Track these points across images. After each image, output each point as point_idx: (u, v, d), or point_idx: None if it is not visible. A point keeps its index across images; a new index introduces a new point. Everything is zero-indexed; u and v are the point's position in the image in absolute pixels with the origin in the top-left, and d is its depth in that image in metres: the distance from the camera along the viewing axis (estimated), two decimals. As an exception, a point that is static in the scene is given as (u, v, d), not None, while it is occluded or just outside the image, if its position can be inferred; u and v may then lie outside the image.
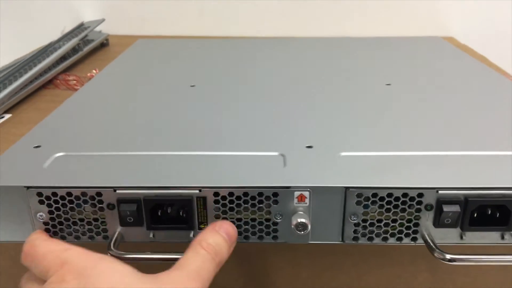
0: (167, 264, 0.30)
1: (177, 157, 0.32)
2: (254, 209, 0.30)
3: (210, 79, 0.50)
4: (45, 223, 0.30)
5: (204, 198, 0.29)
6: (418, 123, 0.38)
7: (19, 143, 0.35)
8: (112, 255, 0.28)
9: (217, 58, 0.59)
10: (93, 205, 0.29)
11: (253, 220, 0.30)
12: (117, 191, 0.29)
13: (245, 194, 0.29)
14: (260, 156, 0.33)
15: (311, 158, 0.32)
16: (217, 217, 0.30)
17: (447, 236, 0.30)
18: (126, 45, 0.77)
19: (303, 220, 0.29)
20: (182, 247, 0.29)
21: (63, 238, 0.30)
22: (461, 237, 0.30)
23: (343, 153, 0.33)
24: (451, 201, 0.28)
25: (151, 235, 0.30)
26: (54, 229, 0.30)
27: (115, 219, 0.30)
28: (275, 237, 0.30)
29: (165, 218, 0.30)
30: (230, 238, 0.28)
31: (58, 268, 0.24)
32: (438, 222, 0.29)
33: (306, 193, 0.29)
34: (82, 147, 0.34)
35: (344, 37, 0.71)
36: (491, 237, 0.29)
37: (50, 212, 0.30)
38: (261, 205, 0.29)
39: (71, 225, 0.30)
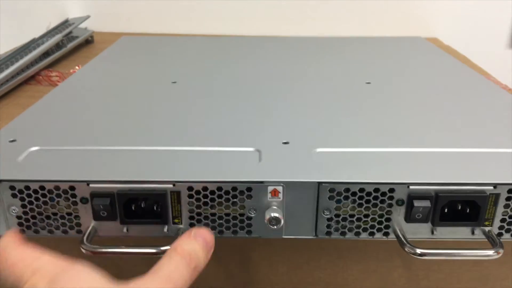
0: (141, 259, 0.30)
1: (152, 152, 0.32)
2: (228, 204, 0.30)
3: (191, 76, 0.50)
4: (18, 217, 0.30)
5: (178, 193, 0.29)
6: (393, 120, 0.38)
7: (-5, 137, 0.35)
8: (85, 250, 0.28)
9: (200, 55, 0.59)
10: (66, 199, 0.29)
11: (227, 215, 0.30)
12: (90, 185, 0.29)
13: (219, 188, 0.29)
14: (235, 151, 0.33)
15: (286, 154, 0.32)
16: (191, 212, 0.30)
17: (419, 231, 0.30)
18: (111, 42, 0.77)
19: (276, 214, 0.29)
20: (156, 242, 0.30)
21: (36, 232, 0.30)
22: (432, 232, 0.30)
23: (319, 149, 0.33)
24: (421, 196, 0.29)
25: (124, 230, 0.30)
26: (27, 223, 0.30)
27: (89, 214, 0.30)
28: (249, 232, 0.30)
29: (139, 213, 0.30)
30: (207, 244, 0.27)
31: (30, 276, 0.24)
32: (409, 217, 0.29)
33: (280, 188, 0.29)
34: (57, 142, 0.34)
35: (328, 37, 0.71)
36: (461, 232, 0.30)
37: (23, 206, 0.29)
38: (235, 199, 0.29)
39: (45, 219, 0.30)
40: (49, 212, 0.30)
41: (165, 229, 0.30)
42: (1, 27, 0.88)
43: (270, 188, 0.29)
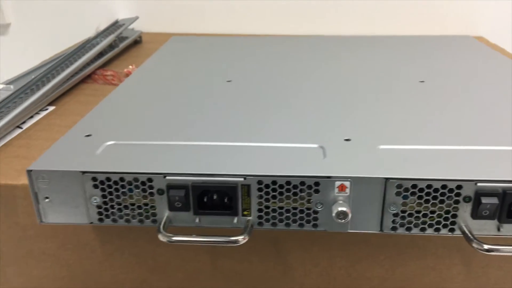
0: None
1: (222, 147, 0.34)
2: (295, 198, 0.31)
3: (245, 74, 0.51)
4: (98, 207, 0.32)
5: (248, 186, 0.31)
6: (454, 118, 0.38)
7: (71, 132, 0.37)
8: (163, 238, 0.30)
9: (251, 55, 0.60)
10: (144, 190, 0.31)
11: (294, 208, 0.31)
12: (167, 178, 0.31)
13: (288, 183, 0.30)
14: (300, 148, 0.34)
15: (350, 151, 0.33)
16: (260, 205, 0.31)
17: (484, 227, 0.30)
18: (158, 42, 0.79)
19: (344, 208, 0.30)
20: (225, 232, 0.31)
21: (114, 221, 0.32)
22: (498, 229, 0.30)
23: (382, 146, 0.34)
24: (489, 193, 0.29)
25: (197, 220, 0.32)
26: (106, 213, 0.32)
27: (164, 204, 0.31)
28: (315, 225, 0.31)
29: (210, 204, 0.31)
30: None
31: None
32: (476, 214, 0.30)
33: (347, 183, 0.30)
34: (130, 137, 0.36)
35: (375, 36, 0.72)
36: (528, 229, 0.30)
37: (103, 196, 0.31)
38: (303, 194, 0.31)
39: (123, 209, 0.32)
40: (127, 203, 0.32)
41: (235, 221, 0.32)
42: (55, 28, 0.92)
43: (337, 183, 0.30)
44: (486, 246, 0.29)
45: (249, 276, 0.40)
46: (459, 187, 0.29)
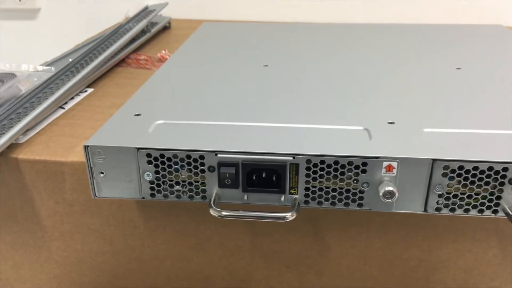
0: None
1: (270, 128, 0.35)
2: (342, 177, 0.32)
3: (282, 60, 0.52)
4: (151, 182, 0.33)
5: (297, 165, 0.32)
6: (494, 103, 0.39)
7: (120, 111, 0.38)
8: (214, 213, 0.31)
9: (284, 41, 0.61)
10: (195, 167, 0.32)
11: (341, 188, 0.32)
12: (218, 155, 0.32)
13: (336, 162, 0.31)
14: (345, 129, 0.35)
15: (394, 133, 0.34)
16: (307, 183, 0.32)
17: (528, 210, 0.31)
18: (187, 28, 0.80)
19: (391, 188, 0.31)
20: (271, 210, 0.32)
21: (165, 196, 0.34)
22: (542, 210, 0.31)
23: (426, 129, 0.34)
24: (535, 176, 0.30)
25: (245, 197, 0.33)
26: (158, 188, 0.33)
27: (214, 181, 0.33)
28: (360, 205, 0.32)
29: (258, 182, 0.33)
30: None
31: None
32: (521, 196, 0.30)
33: (395, 164, 0.31)
34: (177, 117, 0.37)
35: (406, 24, 0.72)
36: None
37: (156, 172, 0.33)
38: (350, 173, 0.31)
39: (174, 185, 0.33)
40: (179, 179, 0.33)
41: (282, 199, 0.33)
42: (83, 13, 0.93)
43: (385, 164, 0.31)
44: (531, 228, 0.29)
45: (286, 255, 0.42)
46: (505, 169, 0.30)
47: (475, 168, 0.30)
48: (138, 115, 0.37)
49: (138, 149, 0.32)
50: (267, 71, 0.48)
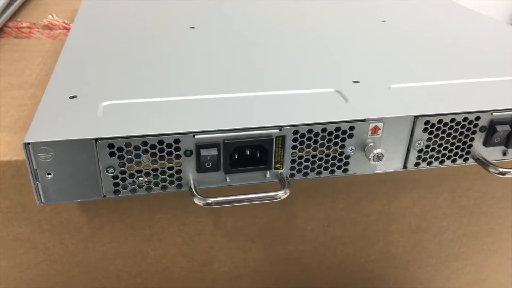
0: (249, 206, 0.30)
1: (242, 99, 0.31)
2: (329, 145, 0.30)
3: (212, 21, 0.47)
4: (114, 177, 0.28)
5: (283, 137, 0.29)
6: (449, 54, 0.40)
7: (48, 96, 0.31)
8: (201, 202, 0.27)
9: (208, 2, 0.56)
10: (169, 153, 0.28)
11: (327, 155, 0.30)
12: (196, 136, 0.27)
13: (323, 130, 0.29)
14: (318, 93, 0.33)
15: (365, 92, 0.33)
16: (293, 155, 0.30)
17: (492, 154, 0.33)
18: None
19: (379, 150, 0.30)
20: (256, 189, 0.29)
21: (133, 191, 0.28)
22: (504, 154, 0.33)
23: (393, 85, 0.34)
24: (502, 121, 0.31)
25: (227, 179, 0.29)
26: (123, 183, 0.28)
27: (191, 166, 0.28)
28: (345, 170, 0.31)
29: (241, 161, 0.29)
30: None
31: None
32: (489, 142, 0.32)
33: (380, 125, 0.30)
34: (124, 95, 0.31)
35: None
36: (528, 151, 0.33)
37: (122, 165, 0.27)
38: (337, 139, 0.30)
39: (144, 176, 0.28)
40: (149, 169, 0.28)
41: (268, 175, 0.30)
42: None
43: (371, 126, 0.30)
44: (501, 170, 0.31)
45: (251, 230, 0.39)
46: (477, 118, 0.31)
47: (452, 120, 0.31)
48: (73, 97, 0.31)
49: (96, 140, 0.26)
50: (197, 34, 0.43)
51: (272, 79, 0.35)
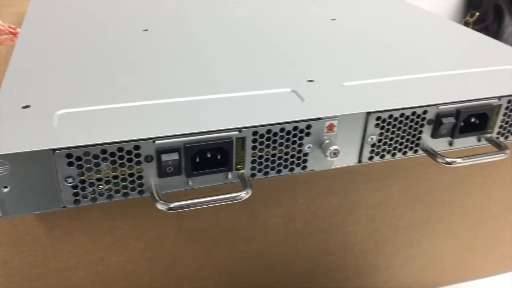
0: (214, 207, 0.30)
1: (199, 102, 0.31)
2: (288, 144, 0.31)
3: (163, 23, 0.47)
4: (74, 187, 0.27)
5: (243, 139, 0.29)
6: (395, 52, 0.42)
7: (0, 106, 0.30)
8: (165, 207, 0.27)
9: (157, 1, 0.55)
10: (129, 160, 0.28)
11: (286, 154, 0.31)
12: (156, 142, 0.28)
13: (282, 129, 0.30)
14: (275, 93, 0.33)
15: (320, 91, 0.34)
16: (253, 156, 0.30)
17: (439, 145, 0.35)
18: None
19: (336, 147, 0.31)
20: (218, 190, 0.30)
21: (93, 200, 0.28)
22: (450, 144, 0.35)
23: (346, 83, 0.35)
24: (448, 114, 0.33)
25: (190, 183, 0.30)
26: (83, 192, 0.28)
27: (152, 172, 0.28)
28: (304, 167, 0.32)
29: (202, 164, 0.30)
30: None
31: None
32: (436, 134, 0.34)
33: (335, 122, 0.31)
34: (80, 102, 0.31)
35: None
36: (472, 141, 0.36)
37: (81, 174, 0.27)
38: (295, 138, 0.31)
39: (104, 184, 0.28)
40: (110, 176, 0.28)
41: (229, 176, 0.30)
42: None
43: (327, 123, 0.31)
44: (449, 159, 0.33)
45: (215, 231, 0.40)
46: (425, 112, 0.33)
47: (402, 115, 0.32)
48: (26, 106, 0.30)
49: (54, 150, 0.26)
50: (151, 37, 0.43)
51: (229, 81, 0.35)
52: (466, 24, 1.02)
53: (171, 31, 0.45)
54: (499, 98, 0.34)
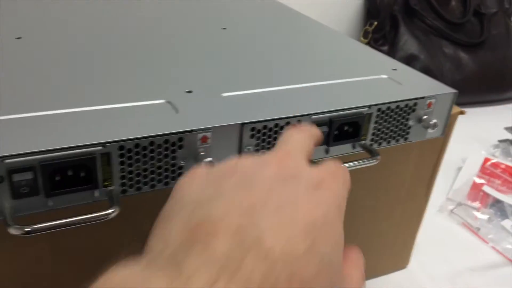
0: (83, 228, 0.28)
1: (63, 115, 0.29)
2: (160, 157, 0.30)
3: (38, 30, 0.44)
4: None
5: (109, 154, 0.28)
6: (280, 61, 0.42)
7: None
8: (17, 232, 0.25)
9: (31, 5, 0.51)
10: (-25, 183, 0.25)
11: (159, 168, 0.30)
12: (6, 161, 0.25)
13: (151, 143, 0.29)
14: (148, 105, 0.32)
15: (197, 102, 0.33)
16: (122, 171, 0.29)
17: (315, 154, 0.36)
18: None
19: (210, 159, 0.31)
20: (85, 210, 0.28)
21: None
22: (327, 152, 0.36)
23: (224, 94, 0.35)
24: (321, 123, 0.34)
25: (50, 203, 0.28)
26: None
27: (5, 193, 0.26)
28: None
29: (64, 182, 0.28)
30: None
31: None
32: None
33: (209, 134, 0.31)
34: None
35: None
36: (347, 148, 0.37)
37: None
38: (167, 152, 0.30)
39: None
40: (-48, 202, 0.25)
41: (96, 194, 0.29)
42: None
43: (200, 136, 0.30)
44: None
45: (95, 251, 0.38)
46: (299, 122, 0.34)
47: (276, 125, 0.33)
48: None
49: None
50: (22, 45, 0.40)
51: (99, 92, 0.33)
52: (366, 32, 1.07)
53: (45, 39, 0.42)
54: (369, 106, 0.36)
